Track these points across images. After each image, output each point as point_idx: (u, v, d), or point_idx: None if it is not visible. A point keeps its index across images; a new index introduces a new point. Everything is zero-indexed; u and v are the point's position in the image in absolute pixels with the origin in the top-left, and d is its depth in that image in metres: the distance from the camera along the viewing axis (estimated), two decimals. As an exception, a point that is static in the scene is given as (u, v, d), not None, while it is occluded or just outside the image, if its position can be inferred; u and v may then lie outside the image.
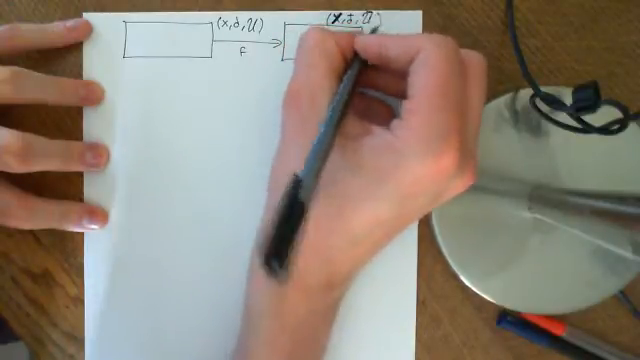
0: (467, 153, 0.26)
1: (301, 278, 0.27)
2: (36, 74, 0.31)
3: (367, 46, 0.29)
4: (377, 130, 0.27)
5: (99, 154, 0.33)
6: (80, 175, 0.34)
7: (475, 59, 0.27)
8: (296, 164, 0.24)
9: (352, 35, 0.29)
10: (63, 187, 0.34)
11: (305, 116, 0.28)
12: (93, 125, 0.34)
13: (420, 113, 0.25)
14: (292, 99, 0.29)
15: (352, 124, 0.27)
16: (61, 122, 0.34)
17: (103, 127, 0.34)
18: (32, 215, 0.32)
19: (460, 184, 0.27)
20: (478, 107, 0.27)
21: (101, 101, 0.34)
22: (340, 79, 0.28)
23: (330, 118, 0.26)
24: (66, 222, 0.33)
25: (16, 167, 0.29)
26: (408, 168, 0.25)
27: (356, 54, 0.30)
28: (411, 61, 0.26)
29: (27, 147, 0.29)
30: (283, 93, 0.29)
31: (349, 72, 0.29)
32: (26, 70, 0.31)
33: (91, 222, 0.33)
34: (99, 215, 0.34)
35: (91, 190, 0.34)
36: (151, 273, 0.34)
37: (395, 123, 0.26)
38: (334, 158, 0.25)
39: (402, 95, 0.27)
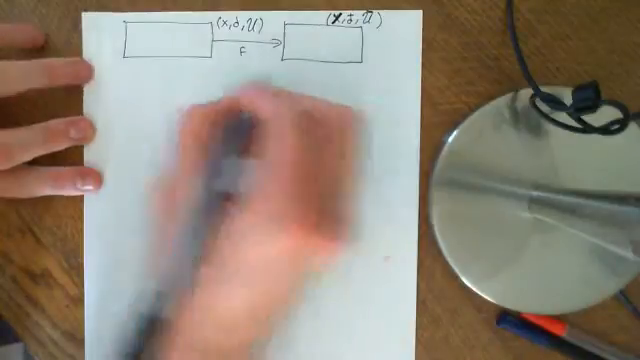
0: (324, 225, 0.25)
1: None
2: (18, 63, 0.31)
3: (235, 107, 0.28)
4: (233, 210, 0.26)
5: (83, 128, 0.33)
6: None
7: (334, 117, 0.27)
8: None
9: (229, 99, 0.28)
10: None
11: (170, 206, 0.27)
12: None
13: (262, 197, 0.25)
14: (158, 185, 0.28)
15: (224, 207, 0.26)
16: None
17: (103, 128, 0.34)
18: (21, 183, 0.32)
19: (329, 247, 0.26)
20: (341, 164, 0.27)
21: (90, 79, 0.34)
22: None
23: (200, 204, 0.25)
24: (59, 185, 0.33)
25: (1, 166, 0.29)
26: (255, 253, 0.25)
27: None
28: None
29: (4, 147, 0.29)
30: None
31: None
32: (6, 62, 0.30)
33: (85, 183, 0.33)
34: (92, 175, 0.33)
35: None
36: (151, 273, 0.34)
37: (246, 205, 0.25)
38: None
39: None
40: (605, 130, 0.28)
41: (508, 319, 0.34)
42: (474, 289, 0.34)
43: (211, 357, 0.27)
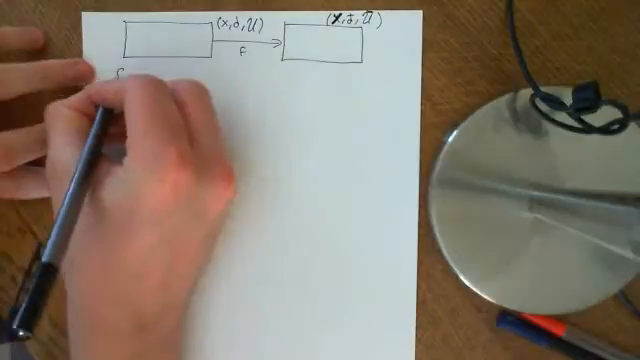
0: (204, 164, 0.28)
1: (110, 326, 0.28)
2: (19, 66, 0.31)
3: (91, 94, 0.30)
4: (113, 168, 0.28)
5: None
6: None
7: (183, 85, 0.30)
8: None
9: (86, 90, 0.30)
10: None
11: (62, 185, 0.28)
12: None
13: (134, 145, 0.27)
14: (48, 170, 0.29)
15: (105, 170, 0.28)
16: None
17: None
18: (21, 183, 0.32)
19: (217, 192, 0.29)
20: (205, 122, 0.29)
21: (92, 79, 0.33)
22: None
23: (74, 176, 0.27)
24: None
25: (2, 169, 0.30)
26: (140, 195, 0.26)
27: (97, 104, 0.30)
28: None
29: (6, 149, 0.30)
30: (283, 93, 0.29)
31: (94, 123, 0.29)
32: (6, 65, 0.30)
33: None
34: None
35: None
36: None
37: (124, 159, 0.27)
38: (89, 211, 0.27)
39: None
40: (605, 130, 0.28)
41: (508, 319, 0.34)
42: (474, 289, 0.34)
43: (133, 306, 0.28)
